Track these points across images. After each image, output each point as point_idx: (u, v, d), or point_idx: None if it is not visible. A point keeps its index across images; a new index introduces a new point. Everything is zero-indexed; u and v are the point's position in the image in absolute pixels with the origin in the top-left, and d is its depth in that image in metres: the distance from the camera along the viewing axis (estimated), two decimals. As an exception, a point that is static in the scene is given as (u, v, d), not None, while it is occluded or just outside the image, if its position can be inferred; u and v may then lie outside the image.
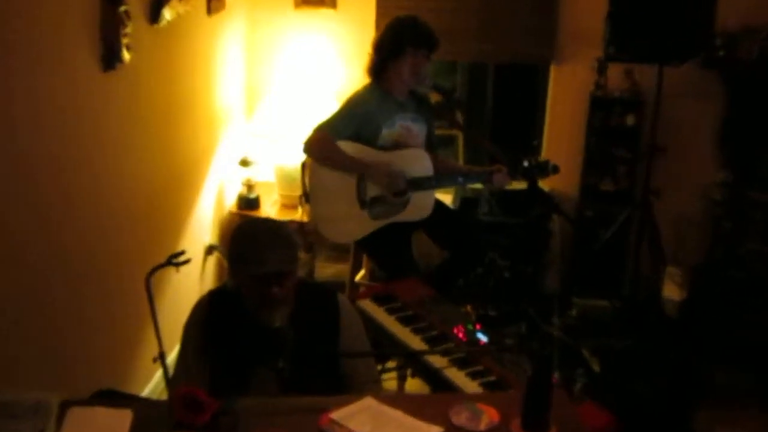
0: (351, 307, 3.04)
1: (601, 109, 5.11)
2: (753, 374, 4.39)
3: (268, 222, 2.87)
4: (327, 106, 5.03)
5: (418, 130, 4.34)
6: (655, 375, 4.29)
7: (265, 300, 2.69)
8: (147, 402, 3.23)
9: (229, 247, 2.76)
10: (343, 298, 2.99)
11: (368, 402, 2.57)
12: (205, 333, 2.83)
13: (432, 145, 4.49)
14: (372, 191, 4.22)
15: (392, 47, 4.18)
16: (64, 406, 2.45)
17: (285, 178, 5.20)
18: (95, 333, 3.72)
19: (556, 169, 4.32)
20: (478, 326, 3.41)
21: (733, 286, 4.78)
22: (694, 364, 4.36)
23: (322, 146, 4.11)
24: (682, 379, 4.30)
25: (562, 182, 5.31)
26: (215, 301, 2.88)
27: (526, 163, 4.30)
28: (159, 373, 4.20)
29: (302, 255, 5.33)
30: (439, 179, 4.34)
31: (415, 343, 3.28)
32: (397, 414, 2.50)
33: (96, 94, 3.51)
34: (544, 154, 5.37)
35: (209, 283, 5.09)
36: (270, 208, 5.25)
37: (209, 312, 2.86)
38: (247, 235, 2.73)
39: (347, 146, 4.13)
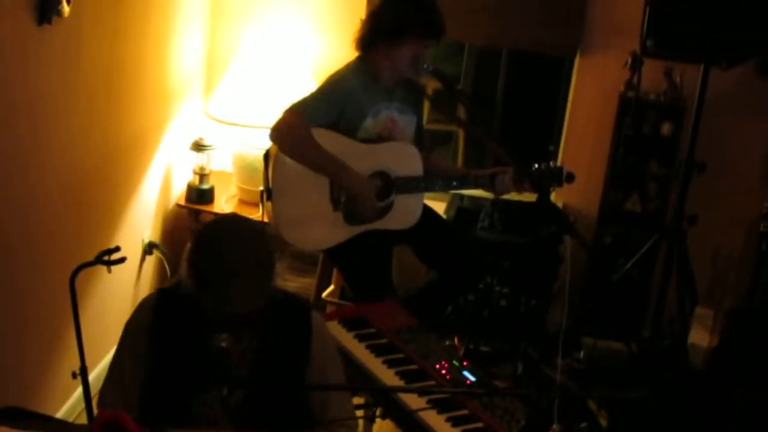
0: (326, 330, 3.06)
1: (633, 113, 5.15)
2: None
3: (247, 236, 2.70)
4: (301, 85, 5.06)
5: (405, 123, 4.37)
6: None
7: (222, 326, 2.69)
8: (62, 424, 3.25)
9: (192, 248, 2.70)
10: (317, 317, 3.01)
11: (326, 444, 2.62)
12: (147, 341, 2.83)
13: (421, 141, 4.52)
14: (348, 190, 4.25)
15: (390, 31, 4.17)
16: (-40, 425, 2.48)
17: (245, 169, 5.22)
18: (1, 340, 3.74)
19: (570, 178, 4.39)
20: (465, 363, 3.46)
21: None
22: (718, 428, 4.40)
23: (295, 134, 4.10)
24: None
25: (579, 197, 5.37)
26: (163, 305, 2.88)
27: (535, 167, 4.35)
28: (78, 391, 4.22)
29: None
30: (428, 181, 4.38)
31: (388, 377, 3.32)
32: (360, 460, 2.55)
33: (26, 52, 3.54)
34: (561, 163, 5.42)
35: (146, 288, 5.12)
36: (225, 204, 5.28)
37: (155, 316, 2.85)
38: (217, 252, 2.64)
39: (323, 135, 4.13)
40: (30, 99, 3.64)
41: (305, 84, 5.13)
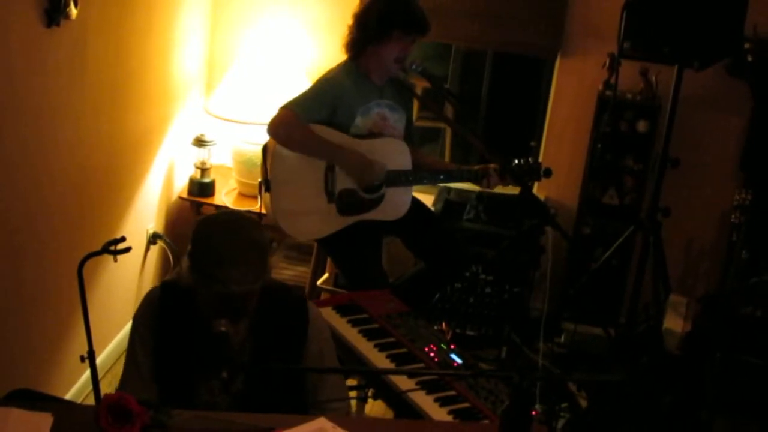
0: (321, 318, 3.06)
1: (610, 111, 5.14)
2: (757, 426, 4.43)
3: (237, 225, 2.74)
4: (296, 85, 5.06)
5: (395, 120, 4.37)
6: (647, 418, 4.34)
7: (221, 312, 2.70)
8: (70, 405, 3.24)
9: (190, 246, 2.72)
10: (313, 307, 3.02)
11: (321, 423, 2.60)
12: (154, 331, 2.85)
13: (411, 137, 4.52)
14: (341, 183, 4.24)
15: (377, 28, 4.16)
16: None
17: (244, 164, 5.22)
18: (12, 325, 3.73)
19: (548, 173, 4.39)
20: (452, 347, 3.45)
21: (743, 323, 4.81)
22: (691, 408, 4.40)
23: (288, 125, 4.10)
24: (676, 425, 4.34)
25: (560, 191, 5.37)
26: (167, 296, 2.89)
27: (515, 162, 4.36)
28: (86, 374, 4.21)
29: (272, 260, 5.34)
30: (417, 175, 4.38)
31: (379, 360, 3.32)
32: (353, 439, 2.54)
33: (35, 52, 3.52)
34: (542, 158, 5.42)
35: (150, 276, 5.10)
36: (225, 197, 5.27)
37: (160, 308, 2.87)
38: (210, 242, 2.67)
39: (317, 130, 4.13)
40: (38, 98, 3.62)
41: (300, 83, 5.12)
